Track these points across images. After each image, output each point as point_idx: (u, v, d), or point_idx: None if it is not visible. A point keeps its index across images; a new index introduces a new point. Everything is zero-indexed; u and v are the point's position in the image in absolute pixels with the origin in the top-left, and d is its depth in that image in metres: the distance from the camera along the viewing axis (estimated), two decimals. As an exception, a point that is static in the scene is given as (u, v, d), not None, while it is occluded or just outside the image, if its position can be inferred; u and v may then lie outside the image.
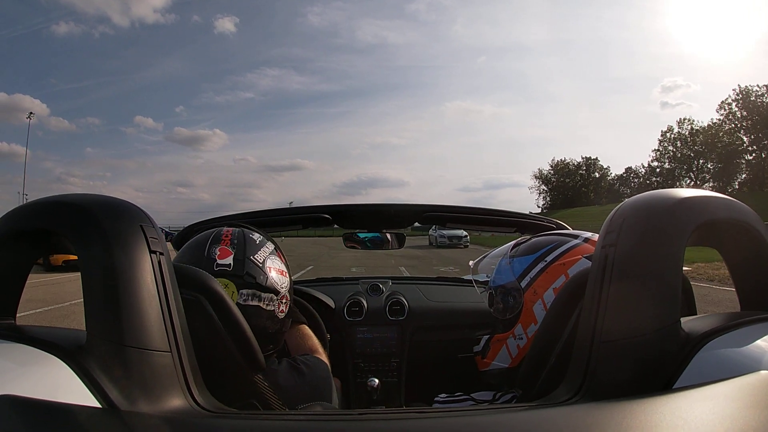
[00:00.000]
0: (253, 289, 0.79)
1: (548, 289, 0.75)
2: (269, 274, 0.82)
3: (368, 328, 1.50)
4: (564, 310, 0.68)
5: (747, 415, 0.39)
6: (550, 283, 0.75)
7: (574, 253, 0.77)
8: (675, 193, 0.59)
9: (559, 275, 0.75)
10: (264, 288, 0.81)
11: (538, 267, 0.78)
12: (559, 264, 0.76)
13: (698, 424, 0.37)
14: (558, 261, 0.77)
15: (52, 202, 0.57)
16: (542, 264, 0.78)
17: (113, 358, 0.48)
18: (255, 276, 0.80)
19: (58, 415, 0.40)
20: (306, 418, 0.56)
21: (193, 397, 0.52)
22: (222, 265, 0.79)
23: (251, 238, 0.85)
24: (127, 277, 0.51)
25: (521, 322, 0.77)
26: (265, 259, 0.83)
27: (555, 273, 0.76)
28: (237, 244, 0.82)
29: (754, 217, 0.61)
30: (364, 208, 1.42)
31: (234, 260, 0.80)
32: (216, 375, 0.62)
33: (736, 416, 0.39)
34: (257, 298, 0.80)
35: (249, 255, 0.82)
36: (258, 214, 1.35)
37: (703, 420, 0.38)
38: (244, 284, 0.79)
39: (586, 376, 0.54)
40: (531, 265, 0.79)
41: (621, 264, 0.55)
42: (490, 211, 1.42)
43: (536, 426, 0.43)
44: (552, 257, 0.78)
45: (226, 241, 0.82)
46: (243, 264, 0.80)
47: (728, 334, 0.53)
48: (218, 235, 0.83)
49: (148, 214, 0.58)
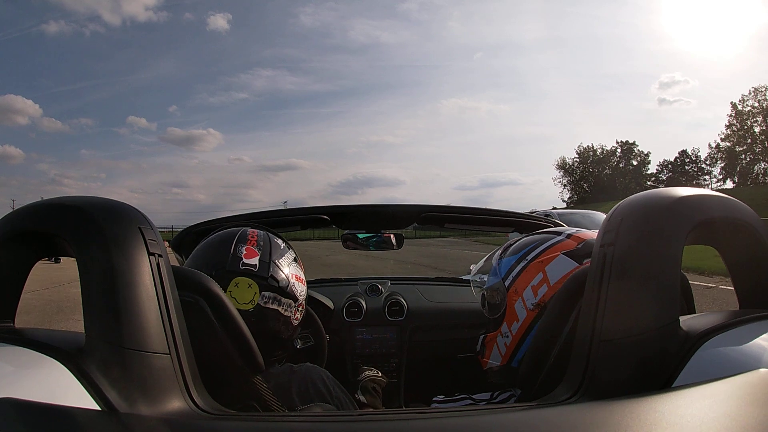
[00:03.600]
0: (275, 293, 0.80)
1: (527, 287, 0.77)
2: (291, 280, 0.83)
3: (367, 329, 1.50)
4: (563, 309, 0.68)
5: (746, 413, 0.39)
6: (529, 281, 0.77)
7: (554, 250, 0.78)
8: (673, 192, 0.59)
9: (537, 273, 0.77)
10: (285, 293, 0.82)
11: (520, 266, 0.79)
12: (537, 262, 0.78)
13: (698, 423, 0.37)
14: (537, 259, 0.78)
15: (52, 204, 0.57)
16: (523, 263, 0.79)
17: (112, 360, 0.48)
18: (278, 280, 0.81)
19: (58, 417, 0.40)
20: (304, 419, 0.57)
21: (192, 399, 0.52)
22: (248, 265, 0.80)
23: (276, 243, 0.86)
24: (126, 279, 0.51)
25: (506, 321, 0.79)
26: (288, 265, 0.84)
27: (533, 271, 0.77)
28: (263, 246, 0.83)
29: (753, 216, 0.61)
30: (362, 209, 1.43)
31: (260, 261, 0.81)
32: (215, 377, 0.62)
33: (736, 414, 0.39)
34: (277, 302, 0.80)
35: (274, 259, 0.83)
36: (256, 215, 1.35)
37: (703, 418, 0.38)
38: (268, 287, 0.80)
39: (586, 375, 0.54)
40: (514, 265, 0.80)
41: (620, 263, 0.55)
42: (488, 211, 1.43)
43: (536, 426, 0.43)
44: (532, 256, 0.79)
45: (252, 241, 0.83)
46: (268, 267, 0.81)
47: (727, 332, 0.53)
48: (244, 235, 0.84)
49: (146, 217, 0.59)
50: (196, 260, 0.83)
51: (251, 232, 0.85)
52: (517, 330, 0.77)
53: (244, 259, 0.80)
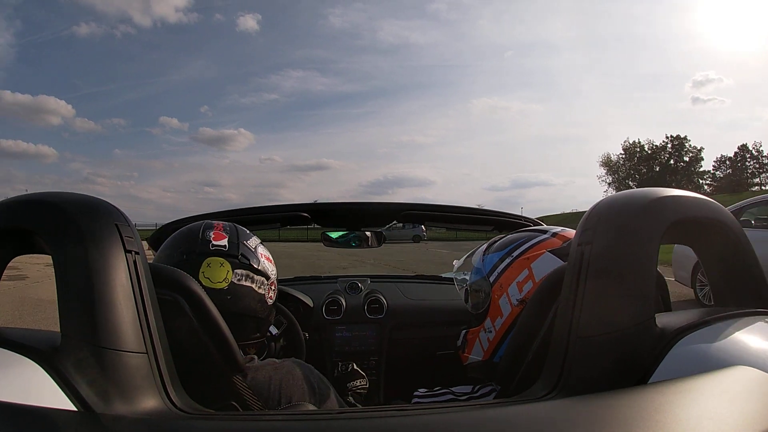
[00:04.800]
0: (247, 270, 0.82)
1: (512, 283, 0.78)
2: (260, 258, 0.86)
3: (347, 327, 1.51)
4: (542, 307, 0.68)
5: (721, 408, 0.39)
6: (514, 277, 0.78)
7: (540, 247, 0.79)
8: (649, 192, 0.61)
9: (523, 269, 0.77)
10: (257, 271, 0.84)
11: (505, 262, 0.80)
12: (523, 258, 0.79)
13: (673, 419, 0.38)
14: (523, 256, 0.79)
15: (26, 200, 0.56)
16: (509, 259, 0.80)
17: (88, 359, 0.47)
18: (249, 258, 0.84)
19: (33, 418, 0.39)
20: (284, 419, 0.56)
21: (170, 399, 0.51)
22: (218, 245, 0.82)
23: (242, 228, 0.89)
24: (102, 277, 0.51)
25: (490, 316, 0.80)
26: (256, 246, 0.87)
27: (519, 267, 0.78)
28: (230, 230, 0.86)
29: (727, 216, 0.63)
30: (342, 207, 1.44)
31: (229, 242, 0.83)
32: (194, 376, 0.61)
33: (711, 410, 0.39)
34: (251, 279, 0.83)
35: (242, 240, 0.85)
36: (236, 212, 1.35)
37: (678, 414, 0.39)
38: (239, 264, 0.82)
39: (563, 372, 0.54)
40: (499, 261, 0.81)
41: (597, 261, 0.56)
42: (468, 210, 1.45)
43: (514, 421, 0.43)
44: (518, 252, 0.80)
45: (219, 227, 0.86)
46: (238, 246, 0.83)
47: (702, 329, 0.54)
48: (210, 223, 0.87)
49: (123, 213, 0.58)
50: (165, 249, 0.85)
51: (217, 222, 0.88)
52: (501, 325, 0.78)
53: (213, 241, 0.82)
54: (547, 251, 0.78)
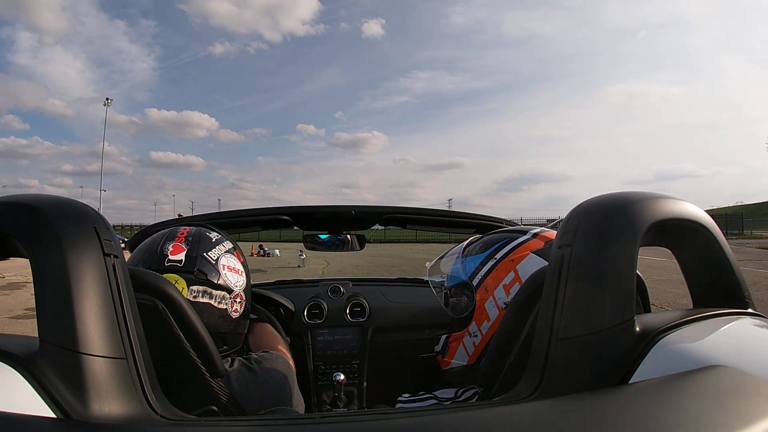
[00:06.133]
0: (204, 286, 0.80)
1: (498, 286, 0.76)
2: (222, 271, 0.83)
3: (329, 330, 1.51)
4: (522, 309, 0.69)
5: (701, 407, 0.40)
6: (500, 280, 0.76)
7: (523, 249, 0.78)
8: (629, 195, 0.61)
9: (509, 272, 0.76)
10: (215, 285, 0.81)
11: (489, 265, 0.79)
12: (508, 260, 0.78)
13: (653, 417, 0.38)
14: (507, 258, 0.78)
15: (3, 202, 0.55)
16: (492, 262, 0.79)
17: (67, 365, 0.46)
18: (206, 273, 0.81)
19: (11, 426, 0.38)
20: (265, 423, 0.56)
21: (150, 405, 0.50)
22: (173, 261, 0.79)
23: (207, 236, 0.86)
24: (79, 280, 0.50)
25: (475, 320, 0.78)
26: (219, 257, 0.84)
27: (504, 270, 0.77)
28: (191, 241, 0.83)
29: (706, 219, 0.64)
30: (324, 210, 1.44)
31: (186, 257, 0.80)
32: (174, 381, 0.61)
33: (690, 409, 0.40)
34: (208, 296, 0.80)
35: (202, 252, 0.82)
36: (217, 215, 1.35)
37: (658, 414, 0.39)
38: (195, 281, 0.79)
39: (545, 373, 0.54)
40: (481, 264, 0.80)
41: (577, 263, 0.57)
42: (448, 213, 1.47)
43: (496, 423, 0.43)
44: (501, 254, 0.79)
45: (180, 238, 0.83)
46: (195, 260, 0.81)
47: (681, 329, 0.55)
48: (173, 233, 0.84)
49: (102, 216, 0.57)
50: (131, 260, 0.84)
51: (182, 229, 0.86)
52: (488, 329, 0.76)
53: (169, 256, 0.80)
54: (532, 252, 0.77)
